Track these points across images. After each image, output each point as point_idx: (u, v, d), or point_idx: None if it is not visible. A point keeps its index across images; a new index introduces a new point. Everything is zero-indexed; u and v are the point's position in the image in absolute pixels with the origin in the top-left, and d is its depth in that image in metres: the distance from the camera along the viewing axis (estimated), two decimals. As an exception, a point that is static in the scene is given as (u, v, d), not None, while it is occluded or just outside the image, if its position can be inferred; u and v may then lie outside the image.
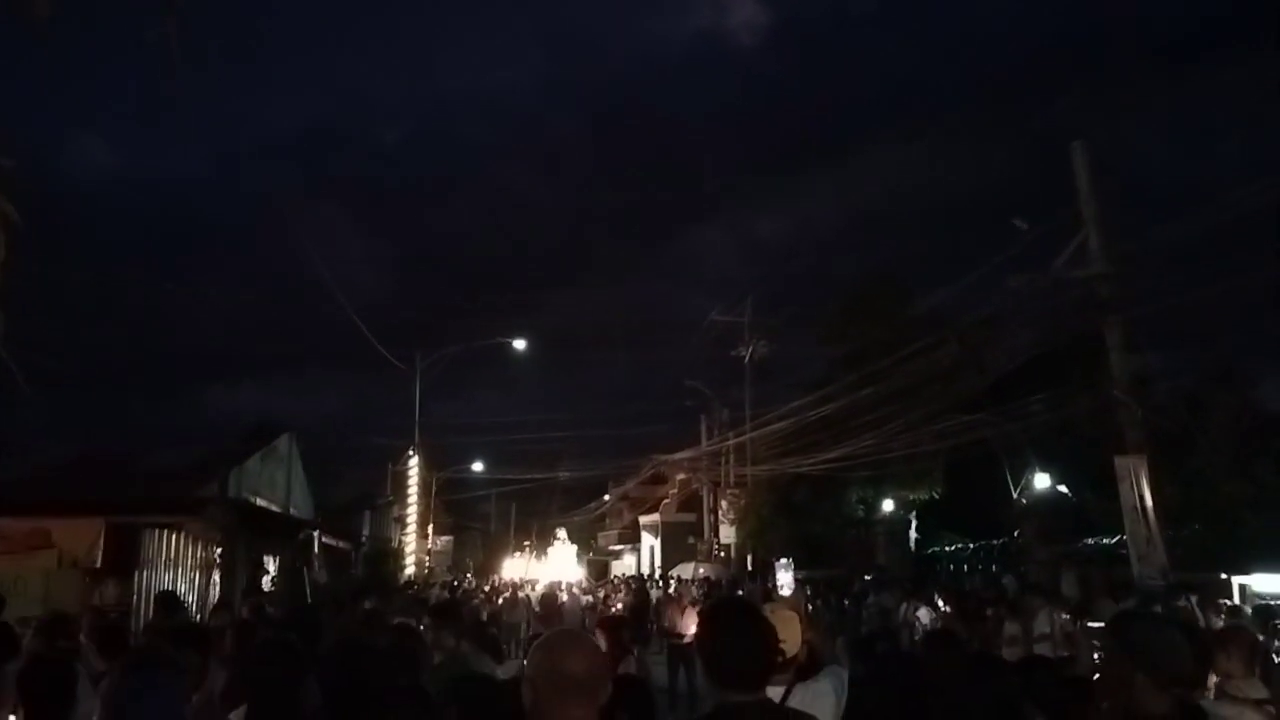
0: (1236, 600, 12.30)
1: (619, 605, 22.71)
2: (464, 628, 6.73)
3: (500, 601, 22.18)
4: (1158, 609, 7.35)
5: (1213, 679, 4.60)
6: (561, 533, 45.10)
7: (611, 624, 7.23)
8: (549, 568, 39.25)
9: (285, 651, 4.03)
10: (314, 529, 21.08)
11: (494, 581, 36.30)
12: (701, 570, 30.11)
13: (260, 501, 18.75)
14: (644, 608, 18.80)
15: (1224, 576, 13.54)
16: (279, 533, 18.74)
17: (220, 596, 14.64)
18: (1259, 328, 21.28)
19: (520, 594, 22.67)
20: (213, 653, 5.29)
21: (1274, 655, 5.28)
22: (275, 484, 21.06)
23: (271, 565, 18.69)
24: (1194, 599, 11.34)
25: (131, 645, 5.55)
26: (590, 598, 24.39)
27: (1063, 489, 21.27)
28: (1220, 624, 8.59)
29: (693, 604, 16.59)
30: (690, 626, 14.78)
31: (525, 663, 2.57)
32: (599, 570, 45.55)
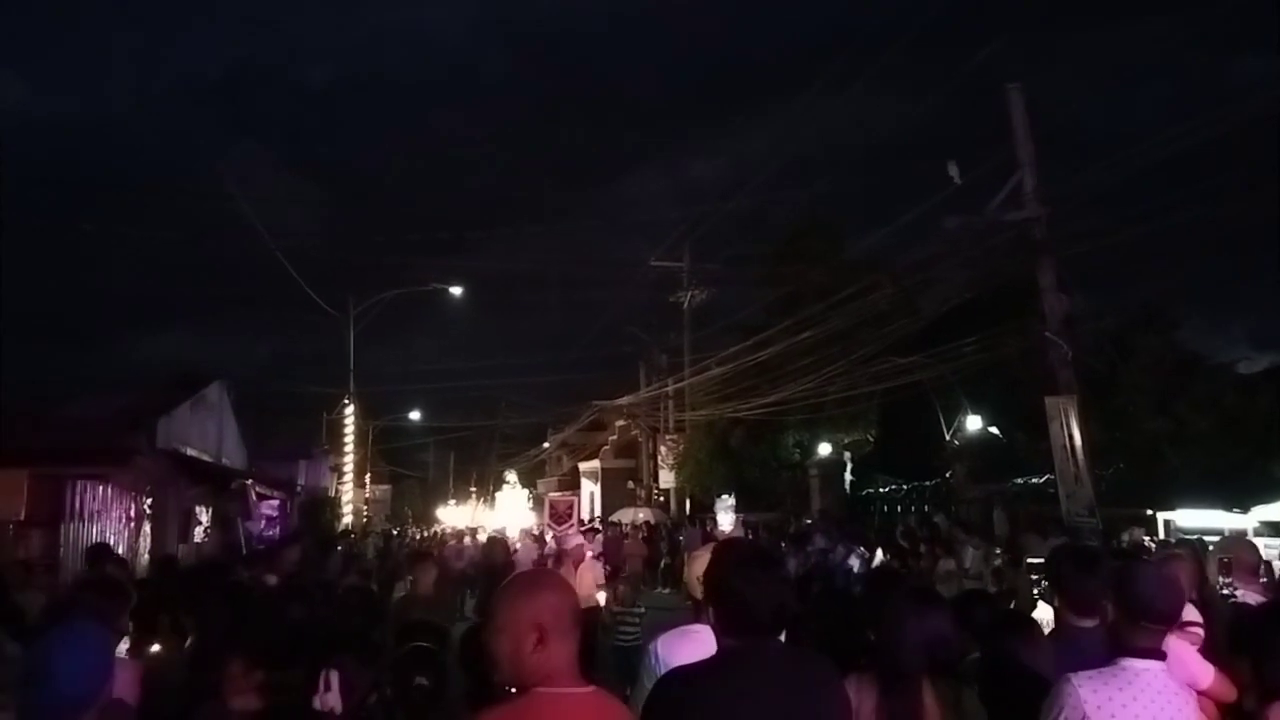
0: (1162, 535, 12.70)
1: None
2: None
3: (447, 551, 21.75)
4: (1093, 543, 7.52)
5: None
6: (511, 476, 42.58)
7: None
8: (498, 514, 37.77)
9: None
10: (247, 479, 20.73)
11: (438, 530, 35.73)
12: (641, 515, 30.33)
13: (191, 451, 18.35)
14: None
15: (1149, 512, 13.97)
16: (211, 483, 18.39)
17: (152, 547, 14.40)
18: (1181, 270, 21.82)
19: (467, 542, 22.34)
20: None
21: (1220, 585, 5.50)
22: (206, 433, 20.61)
23: (204, 516, 18.39)
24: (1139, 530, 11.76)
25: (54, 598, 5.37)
26: (553, 543, 22.91)
27: (993, 430, 21.68)
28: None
29: (596, 558, 14.28)
30: (591, 587, 11.22)
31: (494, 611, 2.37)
32: (562, 510, 43.19)
